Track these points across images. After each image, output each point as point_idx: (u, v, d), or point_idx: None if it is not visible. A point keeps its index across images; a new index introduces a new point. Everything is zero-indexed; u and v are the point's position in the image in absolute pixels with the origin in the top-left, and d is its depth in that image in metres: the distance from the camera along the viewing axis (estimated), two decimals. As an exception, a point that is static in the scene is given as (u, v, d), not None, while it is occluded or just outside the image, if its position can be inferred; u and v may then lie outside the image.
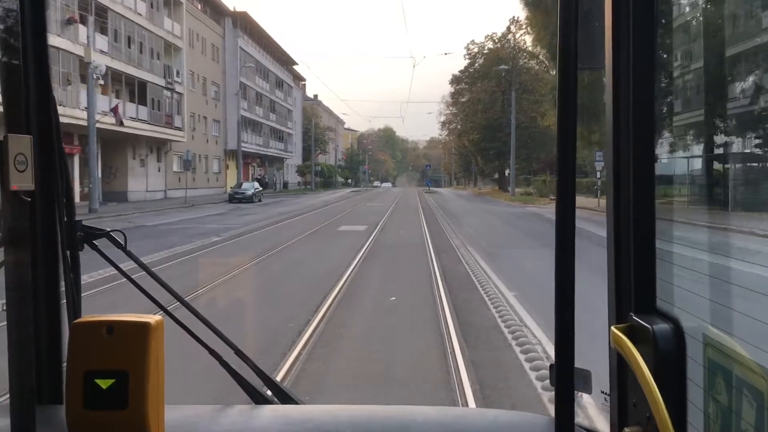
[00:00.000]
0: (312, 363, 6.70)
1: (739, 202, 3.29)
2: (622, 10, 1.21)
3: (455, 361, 6.71)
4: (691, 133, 9.46)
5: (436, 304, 9.86)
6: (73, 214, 1.64)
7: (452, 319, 8.73)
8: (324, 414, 1.64)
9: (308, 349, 7.19)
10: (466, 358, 6.81)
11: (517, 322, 8.52)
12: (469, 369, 6.42)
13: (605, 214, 1.31)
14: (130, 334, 1.27)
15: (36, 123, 1.59)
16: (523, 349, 7.19)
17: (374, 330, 8.46)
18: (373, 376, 6.38)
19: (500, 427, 1.59)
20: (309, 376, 6.30)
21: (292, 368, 6.43)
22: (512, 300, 10.01)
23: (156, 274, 1.73)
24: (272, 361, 6.51)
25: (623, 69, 1.22)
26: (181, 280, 10.97)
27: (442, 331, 8.11)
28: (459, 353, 6.95)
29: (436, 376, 6.35)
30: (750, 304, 1.09)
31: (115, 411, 1.25)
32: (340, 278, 11.98)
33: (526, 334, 7.81)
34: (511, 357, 7.03)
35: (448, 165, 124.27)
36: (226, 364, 1.75)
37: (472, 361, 6.73)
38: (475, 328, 8.31)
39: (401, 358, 7.14)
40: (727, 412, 1.08)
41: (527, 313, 8.96)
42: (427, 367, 6.70)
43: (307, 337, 7.61)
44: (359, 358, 7.10)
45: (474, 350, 7.19)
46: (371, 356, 7.12)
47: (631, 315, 1.19)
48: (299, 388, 5.79)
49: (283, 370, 6.28)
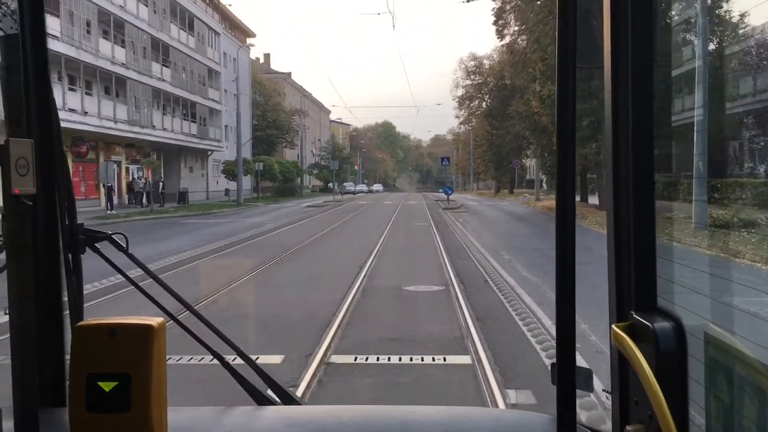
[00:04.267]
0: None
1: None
2: (621, 10, 1.22)
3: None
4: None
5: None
6: (75, 218, 1.64)
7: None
8: (326, 414, 1.64)
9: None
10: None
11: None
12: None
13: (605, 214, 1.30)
14: (132, 336, 1.27)
15: (37, 127, 1.60)
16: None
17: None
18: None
19: (503, 426, 1.59)
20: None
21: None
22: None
23: (157, 276, 1.74)
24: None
25: (622, 68, 1.22)
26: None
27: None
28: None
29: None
30: (750, 301, 1.09)
31: (118, 414, 1.25)
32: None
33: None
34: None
35: (463, 162, 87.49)
36: (229, 365, 1.75)
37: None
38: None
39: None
40: (728, 409, 1.08)
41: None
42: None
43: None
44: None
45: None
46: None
47: (632, 313, 1.19)
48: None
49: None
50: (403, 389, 5.81)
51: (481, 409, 4.74)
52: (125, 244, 1.70)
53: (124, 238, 1.70)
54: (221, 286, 10.73)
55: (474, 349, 6.89)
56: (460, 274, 12.15)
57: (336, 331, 7.73)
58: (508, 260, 14.13)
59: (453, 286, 10.84)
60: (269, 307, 9.48)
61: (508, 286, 10.74)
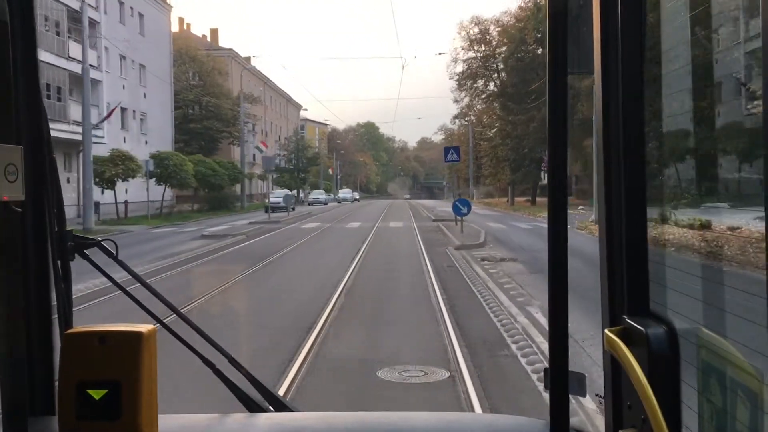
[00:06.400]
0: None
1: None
2: (611, 15, 1.22)
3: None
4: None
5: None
6: (64, 224, 1.63)
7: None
8: (318, 421, 1.63)
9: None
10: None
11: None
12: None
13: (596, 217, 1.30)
14: (122, 344, 1.26)
15: (26, 133, 1.58)
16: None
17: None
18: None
19: (496, 431, 1.59)
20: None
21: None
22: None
23: (147, 282, 1.73)
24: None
25: (612, 73, 1.22)
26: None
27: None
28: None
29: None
30: (742, 305, 1.09)
31: (108, 422, 1.24)
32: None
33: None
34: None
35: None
36: (220, 372, 1.74)
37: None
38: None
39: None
40: (721, 412, 1.08)
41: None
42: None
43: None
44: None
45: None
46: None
47: (625, 318, 1.19)
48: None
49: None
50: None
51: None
52: (115, 250, 1.69)
53: (113, 244, 1.69)
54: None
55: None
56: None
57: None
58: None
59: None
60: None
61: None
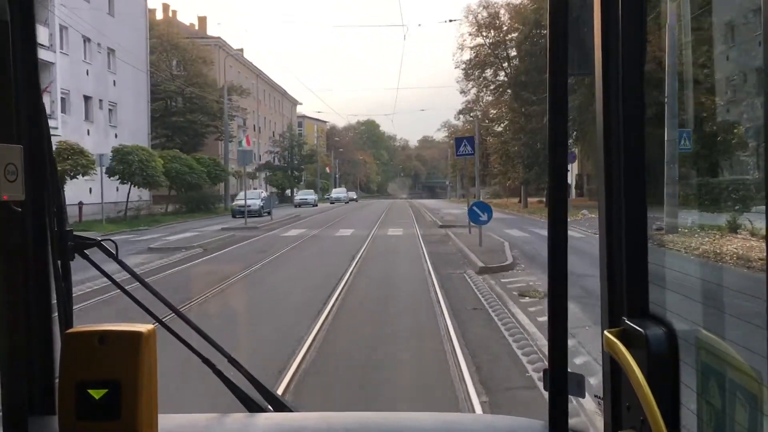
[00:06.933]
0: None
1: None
2: (612, 16, 1.22)
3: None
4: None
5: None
6: (64, 224, 1.63)
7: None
8: (318, 421, 1.63)
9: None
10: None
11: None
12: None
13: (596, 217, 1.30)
14: (122, 343, 1.26)
15: (26, 133, 1.58)
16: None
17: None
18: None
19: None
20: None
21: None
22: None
23: (147, 282, 1.73)
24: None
25: (613, 75, 1.23)
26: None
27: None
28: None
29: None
30: (741, 307, 1.09)
31: (108, 422, 1.24)
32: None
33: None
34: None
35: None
36: (220, 372, 1.74)
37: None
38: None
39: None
40: (720, 414, 1.09)
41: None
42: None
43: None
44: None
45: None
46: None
47: (624, 319, 1.19)
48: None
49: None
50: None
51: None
52: (115, 250, 1.69)
53: (113, 244, 1.69)
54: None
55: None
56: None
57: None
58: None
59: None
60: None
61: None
